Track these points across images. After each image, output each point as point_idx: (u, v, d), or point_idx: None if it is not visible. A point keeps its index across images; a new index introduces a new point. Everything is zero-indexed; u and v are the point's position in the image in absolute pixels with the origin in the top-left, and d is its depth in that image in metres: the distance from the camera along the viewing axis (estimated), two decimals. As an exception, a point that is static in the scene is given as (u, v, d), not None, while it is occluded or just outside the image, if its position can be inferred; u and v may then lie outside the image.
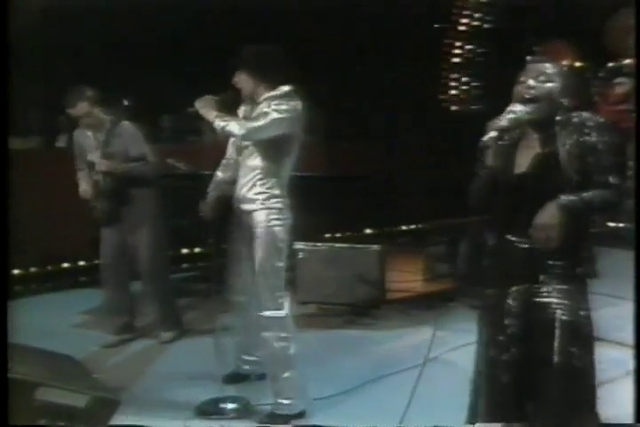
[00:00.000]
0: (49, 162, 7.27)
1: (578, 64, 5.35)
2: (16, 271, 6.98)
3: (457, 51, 10.09)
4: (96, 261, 7.19)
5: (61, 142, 7.92)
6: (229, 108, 4.19)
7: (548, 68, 3.11)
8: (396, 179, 8.75)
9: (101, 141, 5.32)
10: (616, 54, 5.91)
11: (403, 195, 8.70)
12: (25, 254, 6.55)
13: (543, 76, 3.09)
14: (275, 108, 3.98)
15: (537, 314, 3.10)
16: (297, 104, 4.07)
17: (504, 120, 3.05)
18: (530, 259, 3.10)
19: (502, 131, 3.06)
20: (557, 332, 3.05)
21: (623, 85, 5.84)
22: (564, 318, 3.06)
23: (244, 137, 4.06)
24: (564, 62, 5.65)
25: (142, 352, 5.41)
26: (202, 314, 5.15)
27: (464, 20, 9.93)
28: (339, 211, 7.55)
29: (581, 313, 3.09)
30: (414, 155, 9.17)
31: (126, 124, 5.33)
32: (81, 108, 5.24)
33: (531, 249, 3.07)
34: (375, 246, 6.40)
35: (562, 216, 2.94)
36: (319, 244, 6.34)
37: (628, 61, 5.77)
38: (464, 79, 9.98)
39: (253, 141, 4.12)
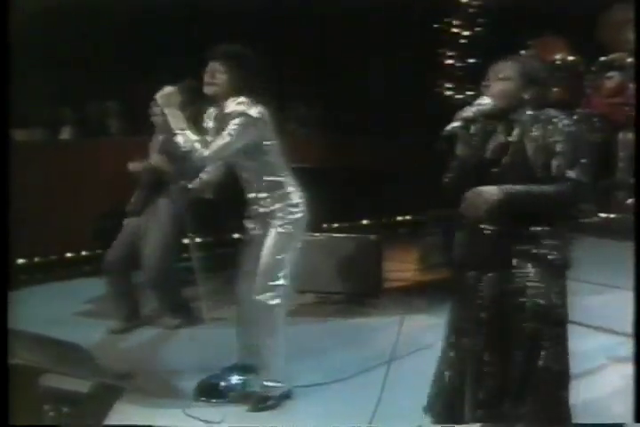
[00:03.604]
0: (52, 153, 7.35)
1: (571, 58, 5.41)
2: (21, 261, 7.09)
3: (453, 46, 10.13)
4: (99, 251, 7.32)
5: (65, 134, 8.00)
6: (189, 99, 4.15)
7: (508, 67, 3.25)
8: (393, 170, 8.80)
9: (164, 139, 5.38)
10: (608, 48, 5.96)
11: (399, 185, 8.75)
12: (29, 244, 6.64)
13: (502, 74, 3.24)
14: (232, 126, 3.97)
15: (509, 298, 3.17)
16: (260, 113, 4.07)
17: (467, 111, 3.20)
18: (499, 244, 3.19)
19: (466, 121, 3.20)
20: (528, 315, 3.12)
21: (614, 79, 5.90)
22: (534, 301, 3.12)
23: (210, 159, 4.11)
24: (557, 56, 5.72)
25: (146, 340, 5.51)
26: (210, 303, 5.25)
27: (460, 16, 9.96)
28: (336, 202, 7.61)
29: (553, 297, 3.15)
30: (411, 146, 9.23)
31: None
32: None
33: (499, 235, 3.18)
34: (372, 236, 6.50)
35: (500, 196, 3.06)
36: (316, 234, 6.38)
37: (618, 55, 5.83)
38: (460, 73, 10.01)
39: (219, 160, 4.21)
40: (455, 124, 3.18)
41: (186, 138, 3.95)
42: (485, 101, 3.21)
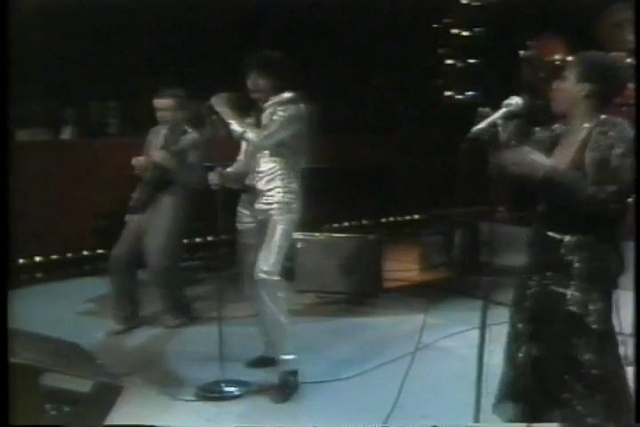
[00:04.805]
0: (52, 153, 7.35)
1: (571, 58, 5.38)
2: (21, 261, 7.09)
3: (453, 46, 10.14)
4: (99, 251, 7.33)
5: (65, 134, 7.99)
6: (239, 107, 4.45)
7: (570, 65, 3.09)
8: (393, 170, 8.80)
9: (166, 136, 5.54)
10: (607, 50, 5.95)
11: (399, 185, 8.76)
12: (30, 244, 6.64)
13: (564, 72, 3.07)
14: (281, 113, 4.35)
15: (553, 306, 3.09)
16: (300, 107, 4.41)
17: (494, 113, 3.05)
18: (552, 252, 3.09)
19: (493, 123, 3.03)
20: (566, 325, 3.05)
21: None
22: (572, 310, 3.03)
23: (259, 144, 4.37)
24: (557, 56, 5.69)
25: (147, 339, 5.49)
26: (210, 302, 5.25)
27: (460, 16, 9.98)
28: (336, 202, 7.61)
29: (591, 307, 3.03)
30: (411, 146, 9.25)
31: (194, 134, 5.49)
32: (164, 102, 5.46)
33: (556, 242, 3.07)
34: (371, 236, 6.52)
35: (546, 171, 2.90)
36: (317, 234, 6.45)
37: (618, 55, 5.81)
38: (460, 73, 10.02)
39: (268, 146, 4.40)
40: (480, 125, 3.02)
41: (238, 126, 4.33)
42: (513, 101, 3.05)
